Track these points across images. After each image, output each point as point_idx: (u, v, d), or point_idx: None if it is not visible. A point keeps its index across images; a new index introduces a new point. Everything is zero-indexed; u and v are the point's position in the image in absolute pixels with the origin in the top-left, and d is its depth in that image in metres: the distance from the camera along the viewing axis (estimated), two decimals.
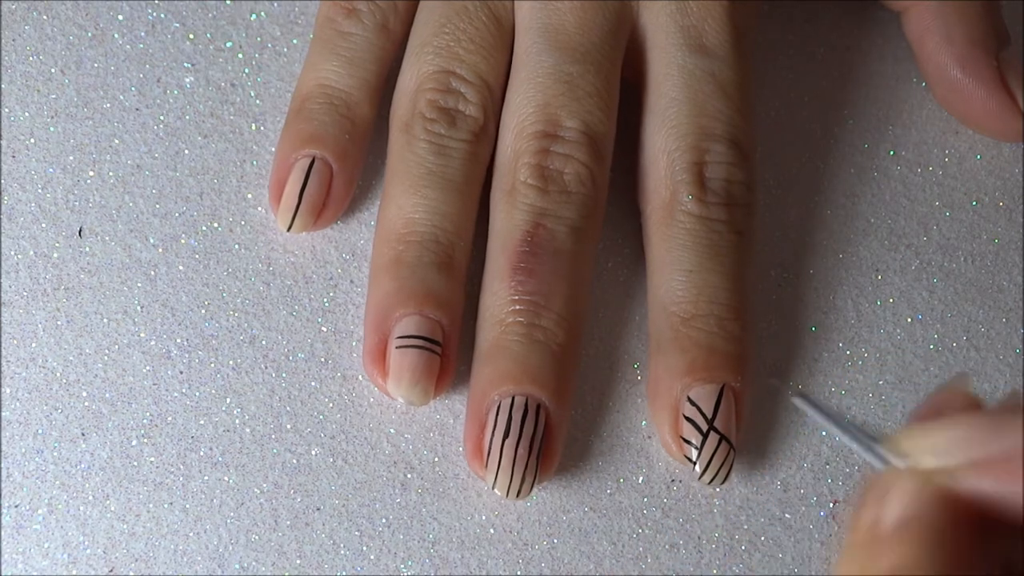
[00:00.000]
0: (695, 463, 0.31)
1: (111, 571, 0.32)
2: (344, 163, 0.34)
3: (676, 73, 0.34)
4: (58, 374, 0.33)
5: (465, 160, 0.33)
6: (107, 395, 0.33)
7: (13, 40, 0.37)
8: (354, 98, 0.34)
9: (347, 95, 0.34)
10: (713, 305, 0.32)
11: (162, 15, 0.37)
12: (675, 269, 0.32)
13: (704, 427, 0.31)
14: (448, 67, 0.34)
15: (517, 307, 0.32)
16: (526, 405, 0.31)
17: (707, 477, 0.31)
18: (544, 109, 0.33)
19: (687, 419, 0.31)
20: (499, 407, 0.31)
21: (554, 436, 0.31)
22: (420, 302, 0.32)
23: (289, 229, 0.34)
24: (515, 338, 0.31)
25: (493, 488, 0.31)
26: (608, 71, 0.34)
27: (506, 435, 0.31)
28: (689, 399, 0.31)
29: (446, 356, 0.32)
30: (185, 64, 0.37)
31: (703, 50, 0.34)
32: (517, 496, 0.31)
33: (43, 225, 0.35)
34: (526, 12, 0.34)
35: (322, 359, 0.34)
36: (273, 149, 0.35)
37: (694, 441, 0.31)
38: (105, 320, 0.34)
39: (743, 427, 0.32)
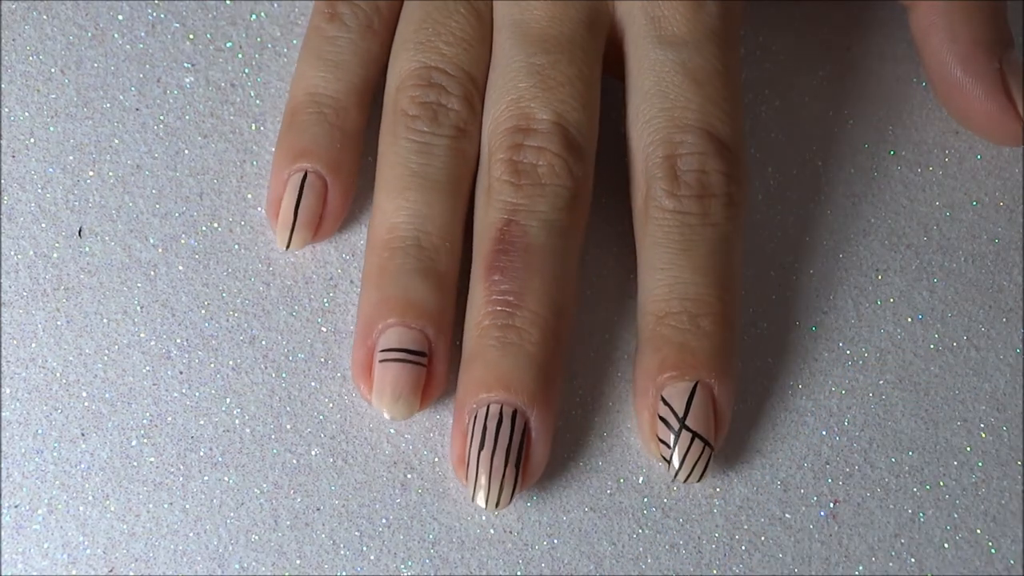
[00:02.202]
0: (670, 462, 0.31)
1: (111, 571, 0.32)
2: (337, 174, 0.34)
3: (648, 66, 0.34)
4: (58, 374, 0.33)
5: (448, 158, 0.33)
6: (107, 395, 0.33)
7: (13, 40, 0.37)
8: (343, 104, 0.34)
9: (335, 101, 0.34)
10: (686, 302, 0.32)
11: (162, 15, 0.37)
12: (650, 267, 0.32)
13: (676, 426, 0.31)
14: (428, 62, 0.34)
15: (489, 309, 0.31)
16: (500, 413, 0.31)
17: (682, 475, 0.31)
18: (516, 103, 0.33)
19: (661, 419, 0.31)
20: (475, 417, 0.31)
21: (533, 440, 0.31)
22: (402, 311, 0.32)
23: (288, 247, 0.34)
24: (489, 342, 0.31)
25: (473, 500, 0.31)
26: (582, 61, 0.33)
27: (482, 446, 0.31)
28: (662, 398, 0.31)
29: (432, 365, 0.32)
30: (185, 64, 0.37)
31: (673, 40, 0.33)
32: (497, 506, 0.31)
33: (43, 225, 0.35)
34: (500, 9, 0.34)
35: (322, 359, 0.34)
36: (273, 149, 0.35)
37: (668, 440, 0.31)
38: (105, 320, 0.34)
39: (725, 424, 0.32)
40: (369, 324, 0.32)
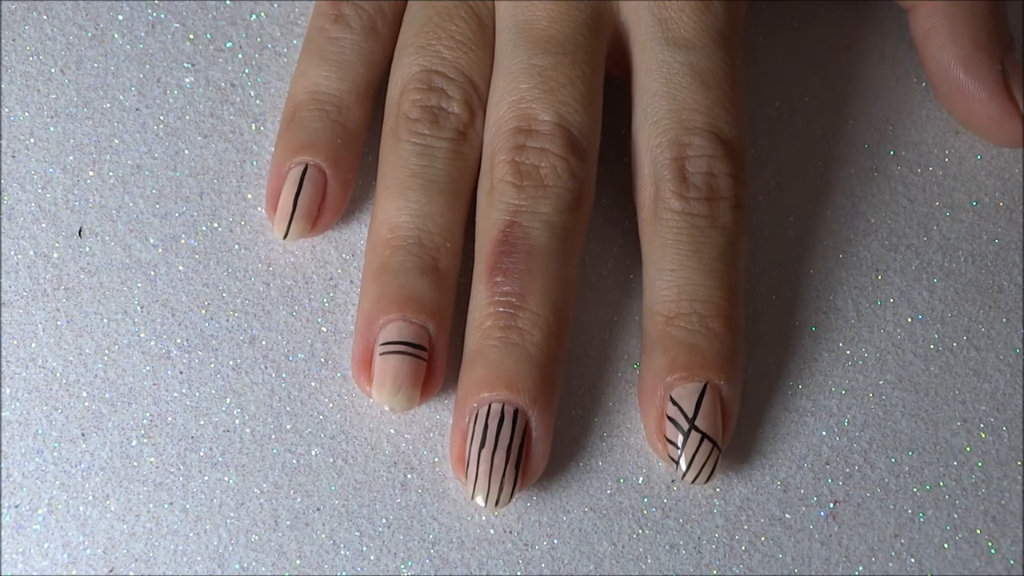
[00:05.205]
0: (678, 462, 0.31)
1: (111, 571, 0.32)
2: (337, 168, 0.34)
3: (655, 68, 0.34)
4: (58, 374, 0.33)
5: (449, 160, 0.33)
6: (107, 395, 0.33)
7: (13, 40, 0.37)
8: (345, 102, 0.34)
9: (338, 100, 0.34)
10: (695, 303, 0.32)
11: (162, 15, 0.37)
12: (659, 268, 0.32)
13: (685, 426, 0.31)
14: (430, 66, 0.34)
15: (492, 310, 0.32)
16: (502, 412, 0.31)
17: (690, 476, 0.31)
18: (517, 105, 0.33)
19: (670, 419, 0.31)
20: (476, 416, 0.31)
21: (534, 440, 0.31)
22: (402, 306, 0.32)
23: (285, 237, 0.34)
24: (491, 342, 0.31)
25: (472, 499, 0.31)
26: (584, 62, 0.33)
27: (482, 445, 0.31)
28: (671, 399, 0.31)
29: (432, 360, 0.32)
30: (185, 64, 0.37)
31: (681, 42, 0.33)
32: (496, 505, 0.31)
33: (43, 225, 0.35)
34: (502, 12, 0.35)
35: (322, 359, 0.34)
36: (273, 149, 0.35)
37: (676, 441, 0.31)
38: (105, 320, 0.34)
39: (732, 425, 0.32)
40: (370, 320, 0.32)
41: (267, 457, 0.33)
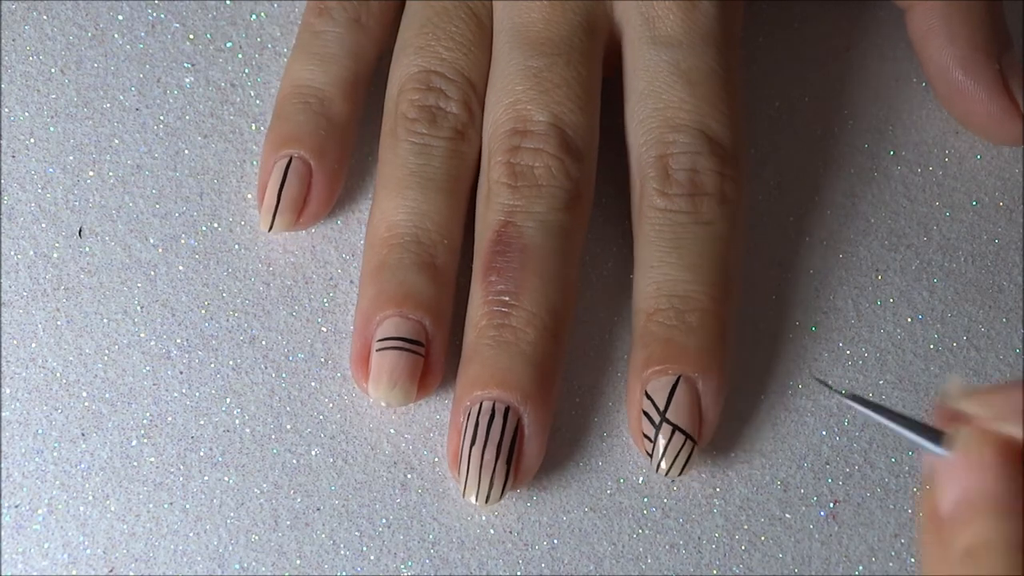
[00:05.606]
0: (652, 455, 0.31)
1: (111, 571, 0.32)
2: (322, 160, 0.34)
3: (642, 67, 0.34)
4: (58, 374, 0.33)
5: (447, 158, 0.33)
6: (107, 395, 0.33)
7: (13, 40, 0.37)
8: (328, 95, 0.34)
9: (320, 92, 0.34)
10: (673, 299, 0.32)
11: (162, 15, 0.37)
12: (643, 266, 0.32)
13: (657, 419, 0.31)
14: (428, 66, 0.34)
15: (486, 309, 0.32)
16: (493, 409, 0.31)
17: (663, 469, 0.31)
18: (514, 106, 0.33)
19: (644, 413, 0.31)
20: (469, 414, 0.31)
21: (527, 437, 0.31)
22: (399, 303, 0.32)
23: (270, 229, 0.34)
24: (485, 341, 0.31)
25: (464, 496, 0.31)
26: (579, 63, 0.34)
27: (473, 441, 0.31)
28: (645, 393, 0.31)
29: (430, 356, 0.32)
30: (185, 64, 0.37)
31: (667, 41, 0.34)
32: (487, 502, 0.31)
33: (43, 225, 0.35)
34: (499, 14, 0.35)
35: (322, 359, 0.34)
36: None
37: (650, 435, 0.31)
38: (105, 320, 0.34)
39: (711, 419, 0.32)
40: (367, 317, 0.32)
41: (267, 457, 0.33)
